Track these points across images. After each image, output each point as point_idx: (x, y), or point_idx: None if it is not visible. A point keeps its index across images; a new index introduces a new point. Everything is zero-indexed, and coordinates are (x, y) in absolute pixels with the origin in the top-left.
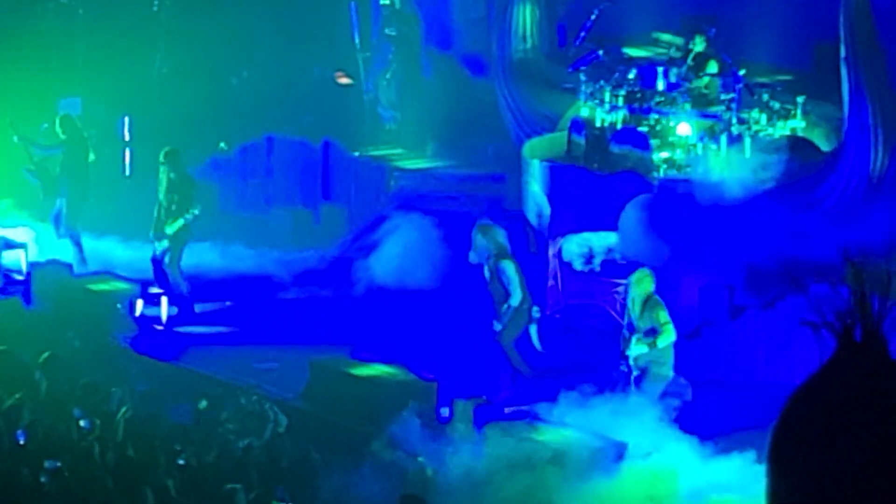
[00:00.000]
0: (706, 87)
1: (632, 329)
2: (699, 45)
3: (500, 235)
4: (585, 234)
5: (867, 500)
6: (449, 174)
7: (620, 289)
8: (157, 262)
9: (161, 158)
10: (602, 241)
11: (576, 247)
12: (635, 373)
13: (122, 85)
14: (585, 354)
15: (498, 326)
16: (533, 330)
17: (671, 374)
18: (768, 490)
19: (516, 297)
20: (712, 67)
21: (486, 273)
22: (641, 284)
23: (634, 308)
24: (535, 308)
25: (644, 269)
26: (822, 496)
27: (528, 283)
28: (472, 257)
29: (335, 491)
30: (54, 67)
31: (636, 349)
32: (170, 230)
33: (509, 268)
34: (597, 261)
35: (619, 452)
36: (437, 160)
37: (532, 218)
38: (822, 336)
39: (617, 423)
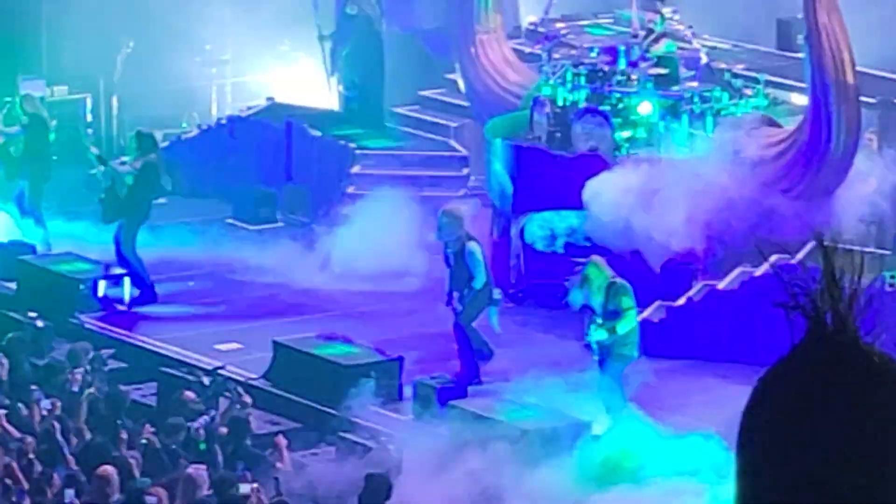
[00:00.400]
0: (668, 65)
1: (593, 312)
2: (661, 23)
3: (466, 218)
4: (548, 214)
5: (835, 486)
6: (411, 154)
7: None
8: (118, 242)
9: (131, 140)
10: (564, 220)
11: (538, 227)
12: (596, 356)
13: (85, 64)
14: (548, 334)
15: (459, 307)
16: (493, 312)
17: (635, 354)
18: (737, 473)
19: (479, 280)
20: (671, 46)
21: (451, 256)
22: (597, 276)
23: (596, 295)
24: (497, 290)
25: (594, 259)
26: (790, 481)
27: (491, 264)
28: (438, 238)
29: (298, 471)
30: (17, 46)
31: (596, 335)
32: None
33: (476, 251)
34: (559, 241)
35: (580, 431)
36: (399, 140)
37: (494, 197)
38: (793, 318)
39: (579, 402)
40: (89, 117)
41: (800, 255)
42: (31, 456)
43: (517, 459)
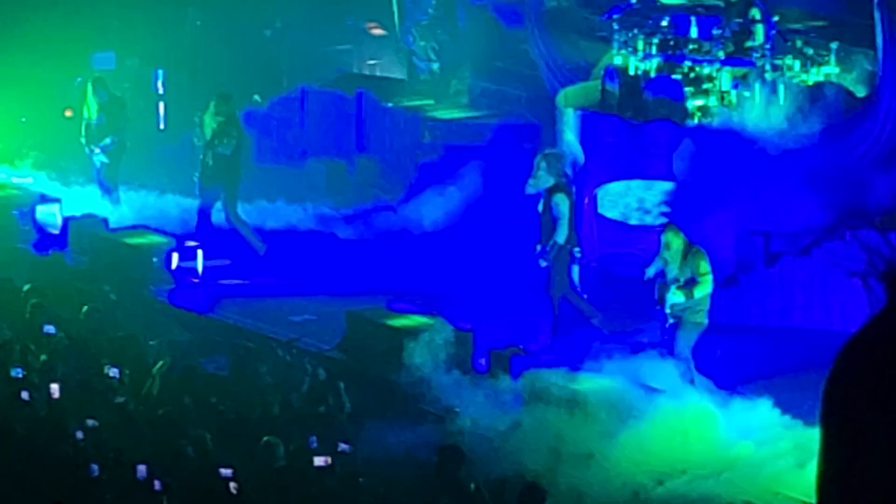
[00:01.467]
0: (744, 34)
1: (666, 278)
2: None
3: (563, 167)
4: (621, 183)
5: None
6: (483, 124)
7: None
8: (202, 213)
9: (212, 108)
10: (637, 189)
11: (611, 195)
12: (670, 321)
13: (156, 38)
14: (620, 303)
15: (543, 263)
16: (575, 271)
17: (706, 321)
18: (822, 443)
19: (562, 234)
20: (755, 13)
21: (540, 205)
22: (674, 240)
23: (674, 259)
24: (577, 249)
25: (671, 226)
26: (875, 449)
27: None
28: (531, 186)
29: (373, 443)
30: (87, 21)
31: (673, 298)
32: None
33: (563, 202)
34: (632, 209)
35: (654, 400)
36: (471, 110)
37: (566, 167)
38: (872, 286)
39: (652, 371)
40: (161, 89)
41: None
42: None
43: (592, 429)
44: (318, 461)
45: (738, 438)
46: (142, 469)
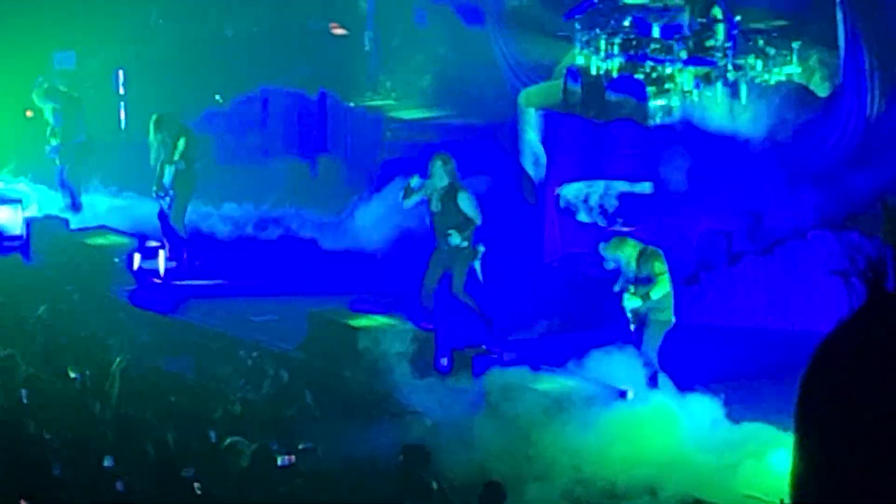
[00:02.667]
0: (705, 33)
1: (627, 281)
2: None
3: (455, 167)
4: (582, 183)
5: None
6: (445, 124)
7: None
8: (163, 216)
9: (151, 126)
10: (599, 189)
11: (573, 195)
12: (633, 323)
13: (117, 37)
14: (584, 302)
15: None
16: (477, 265)
17: (672, 318)
18: (796, 443)
19: (468, 233)
20: (716, 13)
21: (435, 204)
22: (623, 248)
23: (628, 265)
24: (482, 247)
25: (613, 242)
26: (853, 449)
27: (525, 232)
28: (427, 188)
29: (335, 442)
30: (48, 20)
31: (630, 303)
32: (167, 183)
33: (472, 201)
34: (594, 209)
35: (618, 399)
36: (432, 110)
37: (529, 167)
38: (853, 284)
39: (617, 370)
40: (122, 89)
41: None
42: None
43: (555, 428)
44: (282, 460)
45: (702, 438)
46: (105, 469)
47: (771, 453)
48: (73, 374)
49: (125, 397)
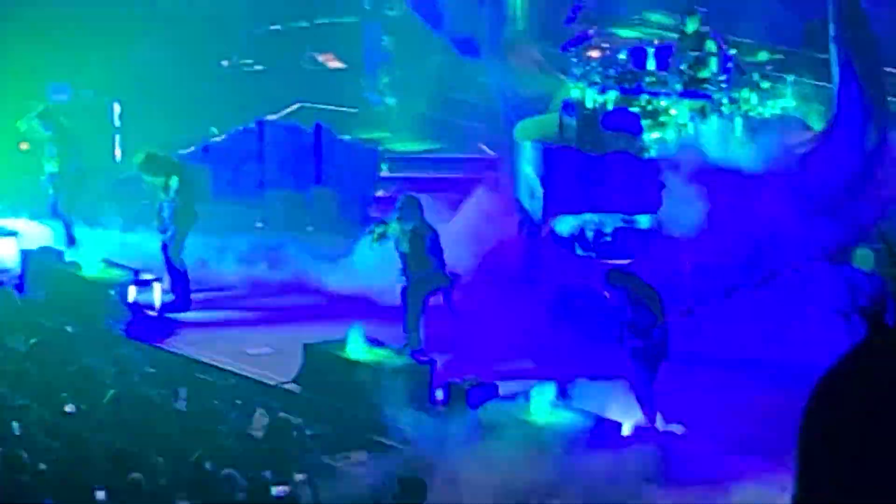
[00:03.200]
0: (700, 66)
1: (625, 316)
2: (691, 24)
3: (421, 209)
4: (578, 216)
5: None
6: (441, 157)
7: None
8: (166, 249)
9: (138, 167)
10: (595, 221)
11: (568, 228)
12: (629, 360)
13: (112, 69)
14: (577, 335)
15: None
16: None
17: (666, 354)
18: (797, 477)
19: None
20: (710, 46)
21: (404, 244)
22: (620, 282)
23: (626, 299)
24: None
25: (616, 271)
26: (856, 482)
27: (520, 264)
28: (392, 230)
29: (332, 475)
30: (44, 52)
31: (628, 339)
32: (166, 218)
33: (436, 240)
34: (589, 242)
35: (613, 432)
36: (428, 143)
37: (524, 199)
38: (852, 319)
39: (612, 403)
40: (117, 121)
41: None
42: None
43: (550, 460)
44: (277, 490)
45: (700, 473)
46: (97, 502)
47: (766, 486)
48: (68, 409)
49: (118, 429)
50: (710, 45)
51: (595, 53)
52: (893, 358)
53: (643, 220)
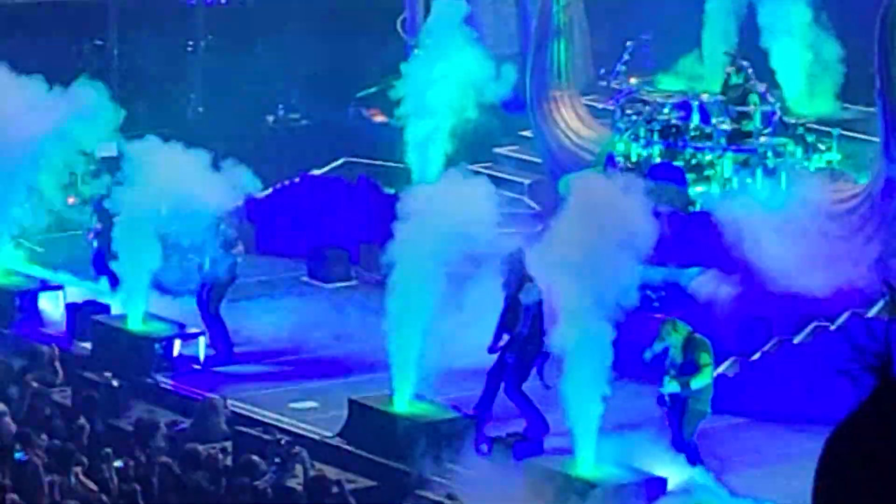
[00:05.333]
0: (744, 120)
1: (671, 367)
2: (735, 77)
3: (525, 261)
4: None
5: None
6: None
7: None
8: (202, 304)
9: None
10: (640, 276)
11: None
12: (666, 408)
13: (157, 123)
14: (621, 389)
15: (510, 359)
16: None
17: (708, 410)
18: None
19: (525, 326)
20: (753, 100)
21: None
22: (674, 332)
23: (675, 350)
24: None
25: (669, 321)
26: None
27: None
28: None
29: None
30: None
31: (669, 387)
32: (207, 271)
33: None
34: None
35: (657, 488)
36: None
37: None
38: (857, 377)
39: (653, 458)
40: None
41: (874, 310)
42: None
43: None
44: None
45: None
46: None
47: None
48: (117, 464)
49: (163, 483)
50: (754, 99)
51: (639, 107)
52: None
53: (690, 274)
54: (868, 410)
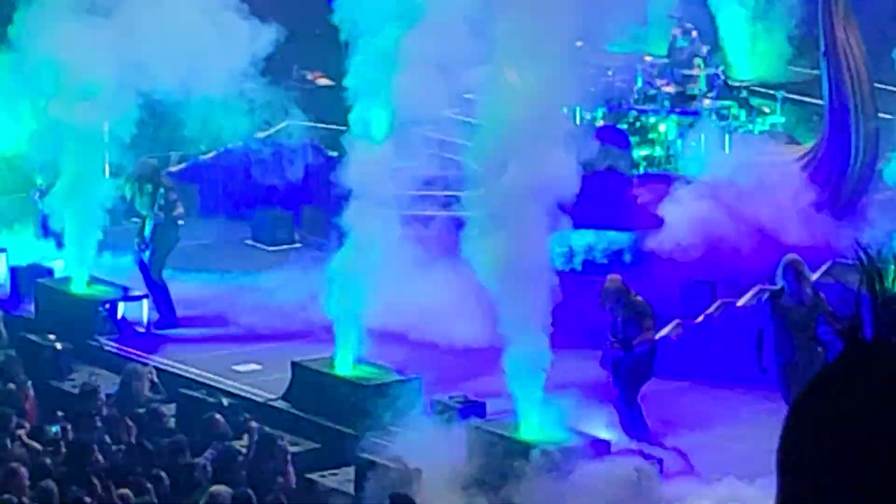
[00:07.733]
0: (687, 83)
1: (613, 331)
2: (681, 41)
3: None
4: (565, 233)
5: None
6: (413, 175)
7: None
8: (144, 268)
9: (134, 176)
10: (582, 238)
11: (556, 245)
12: (612, 374)
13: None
14: (565, 352)
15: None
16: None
17: (650, 373)
18: (781, 493)
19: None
20: (698, 62)
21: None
22: (613, 294)
23: (616, 314)
24: None
25: (611, 278)
26: (843, 495)
27: None
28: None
29: (321, 493)
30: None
31: (612, 353)
32: (147, 236)
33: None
34: (577, 259)
35: (601, 450)
36: (413, 159)
37: None
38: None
39: (598, 421)
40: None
41: (817, 274)
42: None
43: (538, 478)
44: None
45: (680, 492)
46: None
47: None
48: (53, 429)
49: (106, 445)
50: (699, 62)
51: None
52: (870, 372)
53: (630, 237)
54: (838, 368)
